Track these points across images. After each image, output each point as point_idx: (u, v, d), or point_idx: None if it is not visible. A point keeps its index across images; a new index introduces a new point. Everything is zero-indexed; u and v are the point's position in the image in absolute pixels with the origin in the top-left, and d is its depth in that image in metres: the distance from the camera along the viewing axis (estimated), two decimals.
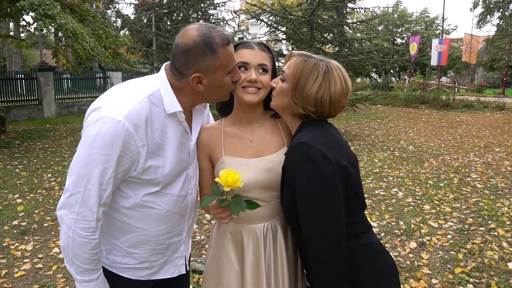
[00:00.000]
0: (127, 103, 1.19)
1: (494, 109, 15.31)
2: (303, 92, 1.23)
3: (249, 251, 1.32)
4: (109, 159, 1.16)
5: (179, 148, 1.30)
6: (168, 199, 1.32)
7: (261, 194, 1.30)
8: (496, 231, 3.79)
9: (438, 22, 31.91)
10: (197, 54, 1.19)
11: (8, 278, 2.99)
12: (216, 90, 1.28)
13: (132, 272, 1.36)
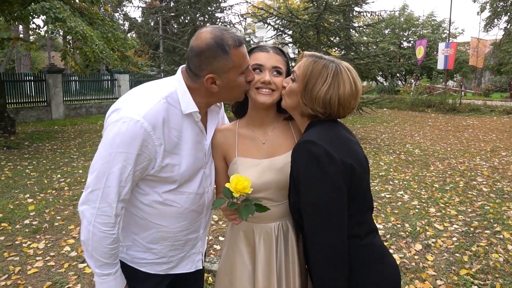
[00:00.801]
0: (146, 104, 1.24)
1: (501, 113, 15.24)
2: (312, 93, 1.25)
3: (260, 249, 1.37)
4: (128, 157, 1.21)
5: (195, 147, 1.36)
6: (186, 197, 1.37)
7: (272, 194, 1.35)
8: (501, 234, 3.81)
9: (445, 26, 31.81)
10: (210, 55, 1.24)
11: (21, 275, 3.06)
12: (230, 90, 1.32)
13: (151, 266, 1.42)
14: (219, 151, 1.43)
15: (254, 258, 1.38)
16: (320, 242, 1.17)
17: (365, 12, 12.86)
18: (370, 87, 28.70)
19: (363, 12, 12.92)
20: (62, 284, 2.91)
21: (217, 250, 3.25)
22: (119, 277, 1.33)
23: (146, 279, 1.42)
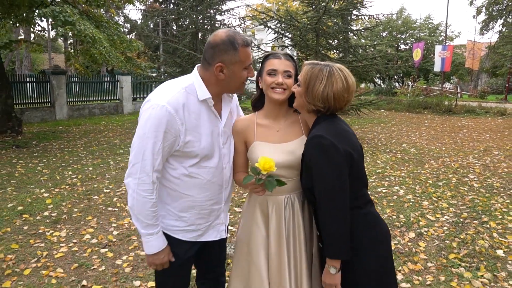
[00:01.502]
0: (169, 93, 1.58)
1: (495, 115, 15.60)
2: (312, 92, 1.57)
3: (272, 217, 1.69)
4: (157, 135, 1.54)
5: (211, 128, 1.67)
6: (208, 171, 1.68)
7: (284, 172, 1.65)
8: (488, 224, 4.12)
9: (441, 29, 32.23)
10: (222, 49, 1.57)
11: (49, 258, 3.35)
12: (233, 80, 1.64)
13: (183, 234, 1.72)
14: (240, 136, 1.74)
15: (268, 225, 1.69)
16: (328, 212, 1.52)
17: (363, 16, 13.19)
18: (368, 89, 29.03)
19: (361, 16, 13.26)
20: (88, 266, 3.20)
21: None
22: (160, 237, 1.64)
23: (178, 245, 1.72)
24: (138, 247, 3.59)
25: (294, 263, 1.67)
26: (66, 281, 2.96)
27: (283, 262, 1.65)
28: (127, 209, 4.62)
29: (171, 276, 1.77)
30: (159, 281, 1.83)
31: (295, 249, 1.69)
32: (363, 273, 1.58)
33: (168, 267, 1.71)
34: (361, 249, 1.56)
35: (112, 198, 5.01)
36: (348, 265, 1.56)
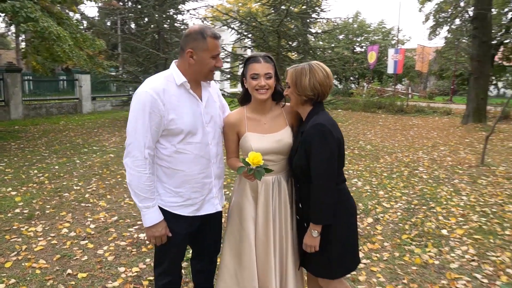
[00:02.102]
0: (151, 81, 1.88)
1: (442, 114, 16.81)
2: (301, 86, 1.89)
3: (261, 194, 1.98)
4: (144, 115, 1.81)
5: (191, 108, 1.92)
6: (194, 146, 1.92)
7: (272, 157, 1.95)
8: (435, 209, 4.65)
9: (394, 33, 33.91)
10: (193, 37, 1.85)
11: (29, 252, 3.42)
12: (201, 66, 1.88)
13: (181, 209, 1.95)
14: (233, 128, 2.01)
15: (257, 200, 1.98)
16: (322, 184, 1.83)
17: (322, 19, 13.78)
18: None
19: (320, 19, 13.85)
20: (70, 256, 3.32)
21: None
22: (156, 211, 1.89)
23: (178, 220, 1.95)
24: (117, 238, 3.74)
25: (279, 232, 1.97)
26: (50, 271, 3.08)
27: (269, 233, 1.95)
28: (100, 204, 4.72)
29: (170, 250, 2.00)
30: (159, 254, 2.04)
31: (281, 221, 2.00)
32: (336, 237, 1.91)
33: (169, 242, 1.94)
34: (337, 218, 1.89)
35: (83, 195, 5.07)
36: (325, 230, 1.88)
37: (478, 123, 12.96)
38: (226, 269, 2.04)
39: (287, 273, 2.03)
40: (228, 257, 2.04)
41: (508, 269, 3.19)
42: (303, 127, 1.92)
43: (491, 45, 15.00)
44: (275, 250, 1.97)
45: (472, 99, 13.50)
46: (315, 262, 1.99)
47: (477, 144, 9.33)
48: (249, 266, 1.97)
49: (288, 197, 2.02)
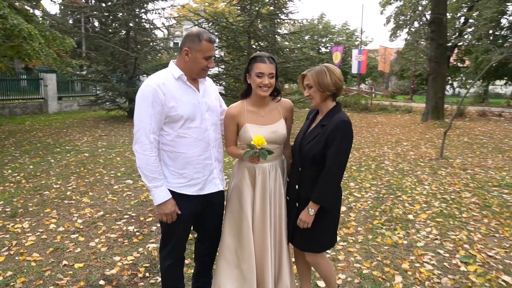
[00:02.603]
0: (152, 77, 2.13)
1: (403, 112, 17.71)
2: (324, 84, 2.13)
3: (259, 180, 2.22)
4: (148, 104, 2.05)
5: (189, 97, 2.15)
6: (193, 130, 2.14)
7: (268, 146, 2.16)
8: (401, 197, 5.08)
9: (357, 34, 35.08)
10: (190, 39, 2.09)
11: (20, 246, 3.49)
12: (195, 64, 2.12)
13: (186, 188, 2.17)
14: (234, 119, 2.23)
15: (255, 185, 2.22)
16: (335, 175, 2.12)
17: (290, 20, 14.18)
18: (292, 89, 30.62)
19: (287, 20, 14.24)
20: (63, 249, 3.43)
21: None
22: (164, 190, 2.10)
23: (185, 200, 2.17)
24: (107, 231, 3.86)
25: (274, 213, 2.24)
26: (46, 263, 3.18)
27: (266, 214, 2.20)
28: (84, 200, 4.79)
29: (176, 230, 2.21)
30: (166, 235, 2.24)
31: (275, 203, 2.26)
32: (328, 217, 2.21)
33: (176, 221, 2.15)
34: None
35: (65, 192, 5.11)
36: (320, 211, 2.15)
37: (436, 120, 13.81)
38: (226, 248, 2.27)
39: (281, 250, 2.29)
40: (228, 236, 2.27)
41: (466, 245, 3.62)
42: (325, 121, 2.17)
43: (447, 47, 15.99)
44: (271, 229, 2.23)
45: (431, 98, 14.36)
46: (306, 239, 2.27)
47: (436, 139, 10.01)
48: (247, 244, 2.21)
49: (282, 182, 2.28)
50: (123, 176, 6.00)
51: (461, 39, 23.55)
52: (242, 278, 2.23)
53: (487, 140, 10.39)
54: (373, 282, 2.92)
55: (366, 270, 3.11)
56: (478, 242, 3.70)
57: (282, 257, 2.31)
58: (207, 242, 2.47)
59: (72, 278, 2.93)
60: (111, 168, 6.50)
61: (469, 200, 5.04)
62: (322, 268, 2.36)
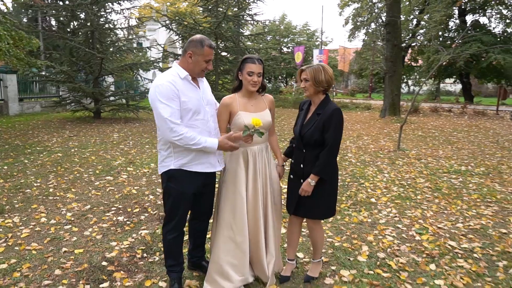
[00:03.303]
0: (164, 77, 2.47)
1: (363, 109, 18.68)
2: (319, 80, 2.58)
3: (251, 160, 2.63)
4: (167, 99, 2.38)
5: (193, 93, 2.51)
6: (199, 122, 2.52)
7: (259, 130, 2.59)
8: (364, 184, 5.64)
9: (317, 35, 36.15)
10: (194, 44, 2.47)
11: (16, 238, 3.67)
12: (197, 66, 2.50)
13: (195, 166, 2.53)
14: (227, 107, 2.62)
15: (247, 166, 2.62)
16: (333, 152, 2.57)
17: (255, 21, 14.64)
18: None
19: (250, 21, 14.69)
20: (60, 238, 3.65)
21: None
22: (209, 141, 2.48)
23: (193, 176, 2.54)
24: (98, 221, 4.11)
25: (263, 188, 2.64)
26: (46, 250, 3.41)
27: (257, 190, 2.61)
28: (69, 196, 4.97)
29: (180, 207, 2.56)
30: (171, 211, 2.58)
31: (264, 179, 2.68)
32: (328, 189, 2.69)
33: (180, 199, 2.51)
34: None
35: (47, 190, 5.26)
36: (320, 184, 2.61)
37: (393, 116, 14.77)
38: (223, 223, 2.65)
39: (267, 223, 2.70)
40: (225, 212, 2.64)
41: (420, 220, 4.20)
42: (319, 110, 2.64)
43: (401, 48, 17.07)
44: (262, 203, 2.64)
45: (388, 95, 15.31)
46: (311, 208, 2.73)
47: (393, 133, 10.82)
48: (241, 219, 2.60)
49: (267, 161, 2.70)
50: (102, 174, 6.18)
51: (414, 40, 25.00)
52: (237, 249, 2.62)
53: (438, 133, 11.35)
54: (344, 252, 3.40)
55: (337, 243, 3.59)
56: (430, 218, 4.30)
57: (268, 229, 2.72)
58: (201, 219, 2.85)
59: (75, 262, 3.19)
60: (88, 167, 6.65)
61: (423, 184, 5.69)
62: (316, 234, 2.85)
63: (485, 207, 4.72)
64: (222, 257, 2.64)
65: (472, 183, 5.85)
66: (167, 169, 2.53)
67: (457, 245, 3.57)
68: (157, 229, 3.86)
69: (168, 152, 2.52)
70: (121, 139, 9.66)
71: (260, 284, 2.79)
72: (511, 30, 23.10)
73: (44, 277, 2.94)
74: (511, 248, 3.50)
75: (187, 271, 2.96)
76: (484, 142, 9.97)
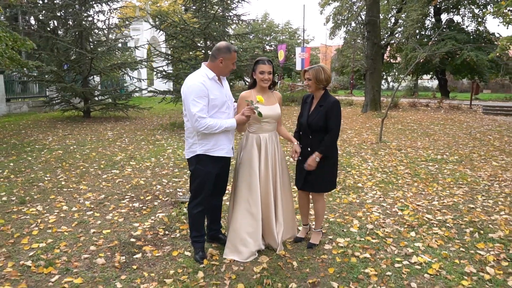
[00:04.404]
0: (195, 77, 2.97)
1: (345, 105, 19.40)
2: (319, 79, 3.13)
3: (263, 146, 3.16)
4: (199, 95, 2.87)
5: (219, 90, 3.02)
6: (223, 113, 3.03)
7: (268, 120, 3.13)
8: (351, 172, 6.23)
9: (299, 33, 36.86)
10: (223, 51, 2.99)
11: (45, 223, 4.07)
12: (226, 68, 3.03)
13: (218, 151, 3.03)
14: (244, 99, 3.11)
15: (260, 150, 3.14)
16: (335, 134, 3.14)
17: (240, 21, 15.08)
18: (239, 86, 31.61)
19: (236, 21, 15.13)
20: (86, 222, 4.08)
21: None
22: (229, 120, 2.98)
23: (216, 160, 3.04)
24: (116, 208, 4.54)
25: (273, 169, 3.17)
26: (76, 232, 3.83)
27: (268, 169, 3.14)
28: (81, 187, 5.37)
29: (206, 186, 3.05)
30: (197, 189, 3.07)
31: (274, 161, 3.21)
32: (331, 164, 3.27)
33: (206, 180, 3.00)
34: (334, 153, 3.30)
35: (59, 183, 5.64)
36: (324, 159, 3.15)
37: (374, 111, 15.51)
38: (241, 197, 3.16)
39: (276, 196, 3.23)
40: (242, 189, 3.16)
41: (401, 200, 4.81)
42: (321, 102, 3.20)
43: (381, 46, 17.83)
44: (272, 180, 3.16)
45: (369, 91, 16.05)
46: (316, 183, 3.30)
47: (375, 127, 11.50)
48: (255, 191, 3.12)
49: (277, 146, 3.23)
50: (107, 168, 6.58)
51: (393, 38, 25.95)
52: (253, 220, 3.14)
53: (416, 126, 12.11)
54: (338, 225, 3.96)
55: (332, 219, 4.14)
56: (410, 198, 4.91)
57: (278, 203, 3.24)
58: (217, 196, 3.35)
59: (106, 240, 3.63)
60: (91, 162, 7.02)
61: (403, 171, 6.32)
62: (319, 205, 3.42)
63: (457, 188, 5.37)
64: (240, 227, 3.16)
65: (447, 169, 6.51)
66: (194, 154, 3.02)
67: (433, 217, 4.18)
68: (172, 212, 4.33)
69: (194, 140, 3.01)
70: (116, 137, 10.00)
71: (270, 250, 3.31)
72: (483, 29, 24.26)
73: (82, 252, 3.38)
74: (477, 218, 4.14)
75: (207, 243, 3.45)
76: (458, 133, 10.76)
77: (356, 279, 2.87)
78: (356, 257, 3.23)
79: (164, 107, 17.84)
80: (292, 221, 3.50)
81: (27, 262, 3.17)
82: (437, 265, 3.05)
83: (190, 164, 3.11)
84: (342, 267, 3.07)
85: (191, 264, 3.10)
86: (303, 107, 3.40)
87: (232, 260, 3.13)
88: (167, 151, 7.99)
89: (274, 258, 3.19)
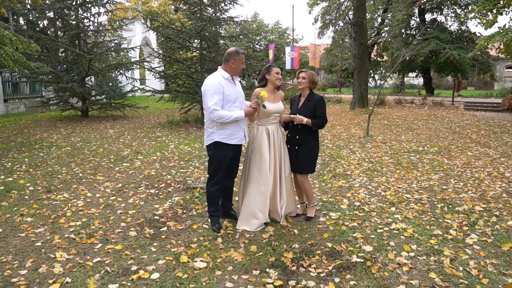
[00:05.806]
0: (214, 77, 3.64)
1: (334, 103, 20.16)
2: (314, 81, 3.84)
3: (271, 136, 3.81)
4: (214, 92, 3.53)
5: (233, 88, 3.67)
6: (235, 107, 3.66)
7: (274, 114, 3.79)
8: (341, 162, 6.92)
9: (288, 32, 37.54)
10: (233, 54, 3.67)
11: (75, 207, 4.64)
12: (237, 68, 3.70)
13: (232, 140, 3.67)
14: (255, 94, 3.74)
15: (269, 138, 3.79)
16: (324, 120, 3.86)
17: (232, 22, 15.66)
18: None
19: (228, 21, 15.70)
20: (111, 205, 4.67)
21: None
22: (238, 112, 3.60)
23: (230, 147, 3.68)
24: (135, 194, 5.13)
25: (279, 156, 3.82)
26: (105, 213, 4.42)
27: (276, 157, 3.79)
28: (98, 178, 5.94)
29: (221, 169, 3.69)
30: (214, 171, 3.70)
31: (280, 150, 3.86)
32: (315, 149, 3.93)
33: (222, 163, 3.63)
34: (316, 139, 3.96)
35: (77, 175, 6.19)
36: (306, 149, 3.80)
37: (362, 108, 16.27)
38: (252, 178, 3.80)
39: (281, 178, 3.88)
40: (254, 171, 3.80)
41: (385, 183, 5.51)
42: (309, 98, 3.87)
43: (368, 46, 18.61)
44: (279, 166, 3.81)
45: (357, 89, 16.81)
46: (299, 166, 3.94)
47: (362, 123, 12.23)
48: (265, 173, 3.77)
49: (282, 136, 3.88)
50: (117, 161, 7.14)
51: (379, 37, 26.82)
52: (262, 197, 3.78)
53: (401, 122, 12.88)
54: (330, 203, 4.63)
55: (325, 199, 4.81)
56: (392, 182, 5.61)
57: (282, 183, 3.89)
58: (229, 177, 3.98)
59: (133, 218, 4.24)
60: (101, 157, 7.57)
61: (388, 161, 7.03)
62: (306, 186, 4.04)
63: (434, 174, 6.09)
64: (252, 203, 3.80)
65: (427, 159, 7.24)
66: (213, 141, 3.66)
67: (411, 196, 4.88)
68: (186, 195, 4.95)
69: (213, 130, 3.64)
70: (118, 135, 10.53)
71: (275, 223, 3.96)
72: (465, 28, 25.27)
73: (114, 228, 3.98)
74: (447, 196, 4.85)
75: (221, 218, 4.08)
76: (440, 128, 11.56)
77: (346, 241, 3.54)
78: (346, 226, 3.91)
79: (158, 106, 18.35)
80: (292, 199, 4.14)
81: (71, 235, 3.76)
82: (412, 229, 3.74)
83: (208, 149, 3.74)
84: (335, 233, 3.74)
85: (210, 233, 3.74)
86: (292, 104, 4.08)
87: (244, 230, 3.78)
88: (169, 146, 8.58)
89: (278, 227, 3.85)
